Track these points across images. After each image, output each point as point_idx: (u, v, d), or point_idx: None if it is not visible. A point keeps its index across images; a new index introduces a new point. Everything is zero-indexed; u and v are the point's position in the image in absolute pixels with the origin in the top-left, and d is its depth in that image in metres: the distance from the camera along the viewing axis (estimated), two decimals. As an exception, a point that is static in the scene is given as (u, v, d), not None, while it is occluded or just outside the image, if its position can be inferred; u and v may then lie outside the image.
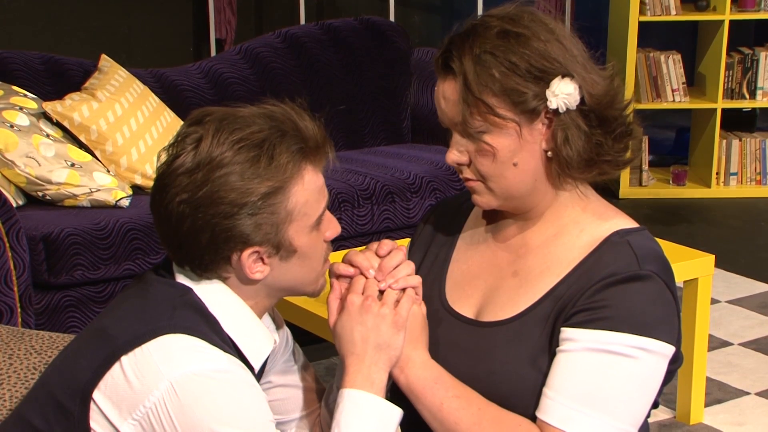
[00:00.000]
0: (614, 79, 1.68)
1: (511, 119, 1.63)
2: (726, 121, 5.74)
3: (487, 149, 1.65)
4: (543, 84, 1.62)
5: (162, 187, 1.59)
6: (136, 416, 1.54)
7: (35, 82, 3.94)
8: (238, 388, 1.55)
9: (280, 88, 4.37)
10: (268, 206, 1.57)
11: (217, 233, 1.56)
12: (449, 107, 1.66)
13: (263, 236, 1.58)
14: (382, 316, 1.66)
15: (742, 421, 3.42)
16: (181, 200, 1.56)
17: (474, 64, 1.62)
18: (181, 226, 1.57)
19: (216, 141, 1.56)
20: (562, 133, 1.64)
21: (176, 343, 1.55)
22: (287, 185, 1.58)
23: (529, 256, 1.74)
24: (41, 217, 3.46)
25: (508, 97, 1.62)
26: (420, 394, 1.68)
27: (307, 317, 2.82)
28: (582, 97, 1.63)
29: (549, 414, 1.62)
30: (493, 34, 1.63)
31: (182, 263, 1.63)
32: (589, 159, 1.67)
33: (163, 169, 1.60)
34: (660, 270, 1.66)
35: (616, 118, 1.67)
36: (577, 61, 1.65)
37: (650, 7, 5.56)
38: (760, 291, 4.47)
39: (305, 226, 1.61)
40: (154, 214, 1.62)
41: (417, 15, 6.26)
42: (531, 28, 1.64)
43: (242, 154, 1.55)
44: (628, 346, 1.61)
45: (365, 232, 3.87)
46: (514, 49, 1.62)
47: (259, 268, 1.61)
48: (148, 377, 1.53)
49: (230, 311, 1.63)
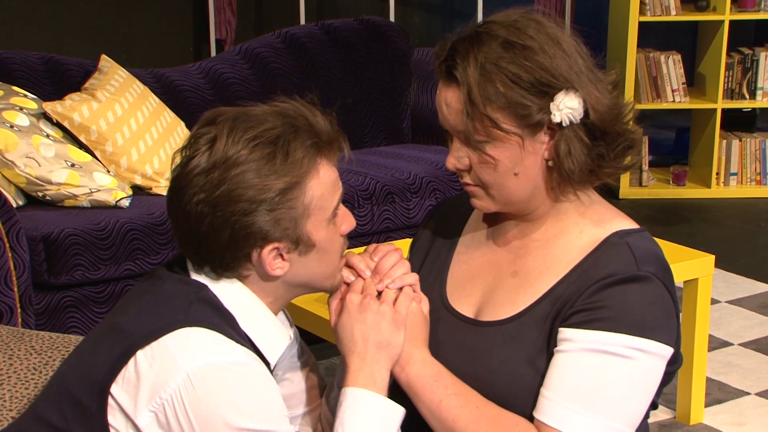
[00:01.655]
0: (620, 95, 1.68)
1: (514, 132, 1.63)
2: (726, 121, 5.74)
3: (489, 160, 1.65)
4: (547, 98, 1.62)
5: (178, 189, 1.60)
6: (152, 407, 1.54)
7: (35, 82, 3.94)
8: (254, 382, 1.57)
9: (280, 88, 4.36)
10: (285, 201, 1.58)
11: (236, 231, 1.57)
12: (452, 115, 1.66)
13: (282, 232, 1.59)
14: (381, 314, 1.67)
15: (742, 422, 3.42)
16: (199, 200, 1.57)
17: (478, 75, 1.61)
18: (200, 226, 1.58)
19: (231, 140, 1.57)
20: (565, 146, 1.64)
21: (193, 336, 1.56)
22: (303, 180, 1.60)
23: (528, 256, 1.74)
24: (41, 218, 3.46)
25: (512, 111, 1.62)
26: (419, 392, 1.68)
27: (308, 317, 2.82)
28: (586, 110, 1.63)
29: (546, 414, 1.62)
30: (497, 44, 1.62)
31: (202, 264, 1.63)
32: (590, 171, 1.67)
33: (178, 171, 1.61)
34: (659, 271, 1.66)
35: (620, 133, 1.67)
36: (582, 73, 1.64)
37: (650, 8, 5.56)
38: (760, 291, 4.47)
39: (322, 219, 1.63)
40: (172, 217, 1.63)
41: (417, 15, 6.26)
42: (537, 40, 1.62)
43: (257, 151, 1.57)
44: (625, 347, 1.61)
45: (365, 233, 3.87)
46: (519, 62, 1.61)
47: (279, 264, 1.62)
48: (164, 369, 1.54)
49: (246, 307, 1.64)
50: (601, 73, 1.69)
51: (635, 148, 1.71)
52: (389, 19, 5.43)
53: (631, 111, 1.71)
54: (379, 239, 3.88)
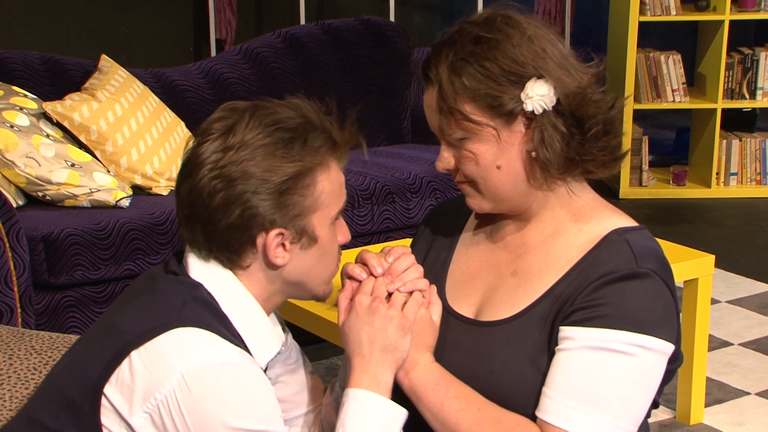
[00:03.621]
0: (586, 78, 1.67)
1: (487, 124, 1.65)
2: (726, 121, 5.74)
3: (469, 155, 1.67)
4: (518, 87, 1.63)
5: (192, 166, 1.61)
6: (146, 409, 1.54)
7: (35, 82, 3.94)
8: (248, 382, 1.57)
9: (280, 88, 4.37)
10: (297, 188, 1.61)
11: (246, 209, 1.59)
12: (431, 116, 1.70)
13: (290, 219, 1.61)
14: (389, 318, 1.67)
15: (742, 421, 3.42)
16: (214, 176, 1.59)
17: (449, 72, 1.65)
18: (212, 200, 1.59)
19: (251, 125, 1.60)
20: (539, 133, 1.65)
21: (187, 336, 1.56)
22: (316, 170, 1.62)
23: (528, 255, 1.74)
24: (41, 218, 3.47)
25: (483, 102, 1.64)
26: (422, 396, 1.69)
27: (308, 318, 2.82)
28: (558, 98, 1.64)
29: (549, 413, 1.62)
30: (469, 41, 1.65)
31: (206, 246, 1.63)
32: (569, 158, 1.67)
33: (192, 151, 1.63)
34: (658, 268, 1.66)
35: (590, 116, 1.67)
36: (552, 61, 1.65)
37: (650, 7, 5.56)
38: (760, 291, 4.47)
39: (327, 217, 1.66)
40: (181, 196, 1.63)
41: (417, 15, 6.26)
42: (504, 31, 1.65)
43: (276, 135, 1.60)
44: (626, 344, 1.61)
45: (365, 233, 3.87)
46: (486, 54, 1.63)
47: (281, 254, 1.63)
48: (159, 370, 1.54)
49: (240, 308, 1.64)
50: (579, 62, 1.69)
51: (615, 137, 1.70)
52: (389, 19, 5.43)
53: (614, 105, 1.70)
54: (379, 239, 3.88)
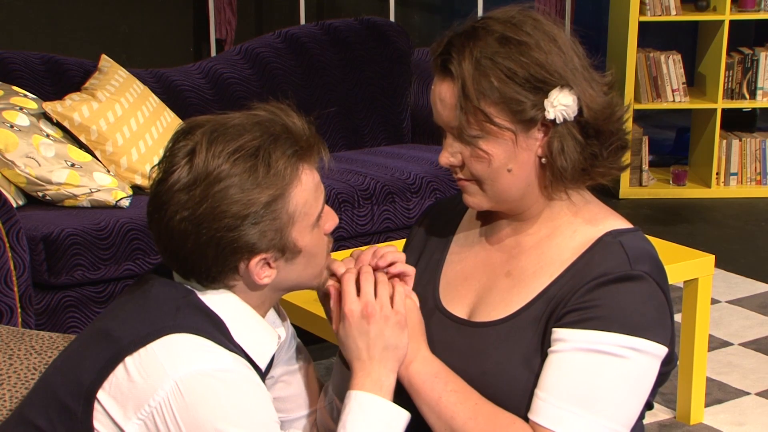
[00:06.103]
0: (614, 94, 1.68)
1: (508, 128, 1.63)
2: (726, 121, 5.74)
3: (482, 155, 1.65)
4: (542, 94, 1.61)
5: (159, 205, 1.57)
6: (141, 415, 1.54)
7: (35, 82, 3.94)
8: (242, 388, 1.56)
9: (280, 88, 4.37)
10: (270, 213, 1.57)
11: (222, 246, 1.56)
12: (446, 110, 1.66)
13: (268, 242, 1.58)
14: (385, 319, 1.66)
15: (742, 421, 3.42)
16: (182, 218, 1.55)
17: (473, 69, 1.61)
18: (185, 243, 1.57)
19: (211, 154, 1.55)
20: (558, 143, 1.64)
21: (181, 343, 1.55)
22: (287, 190, 1.58)
23: (522, 256, 1.74)
24: (41, 217, 3.47)
25: (506, 106, 1.62)
26: (419, 388, 1.68)
27: (307, 317, 2.82)
28: (580, 108, 1.63)
29: (540, 415, 1.62)
30: (494, 39, 1.62)
31: (188, 276, 1.63)
32: (582, 169, 1.67)
33: (157, 186, 1.58)
34: (652, 270, 1.65)
35: (613, 132, 1.67)
36: (577, 71, 1.64)
37: (650, 7, 5.56)
38: (760, 291, 4.47)
39: (307, 225, 1.62)
40: (154, 232, 1.61)
41: (417, 15, 6.26)
42: (533, 36, 1.62)
43: (239, 165, 1.55)
44: (618, 346, 1.60)
45: (365, 232, 3.87)
46: (514, 57, 1.61)
47: (267, 273, 1.61)
48: (153, 376, 1.53)
49: (233, 312, 1.64)
50: (597, 73, 1.69)
51: (629, 149, 1.71)
52: (389, 19, 5.43)
53: (627, 112, 1.71)
54: (379, 239, 3.88)
